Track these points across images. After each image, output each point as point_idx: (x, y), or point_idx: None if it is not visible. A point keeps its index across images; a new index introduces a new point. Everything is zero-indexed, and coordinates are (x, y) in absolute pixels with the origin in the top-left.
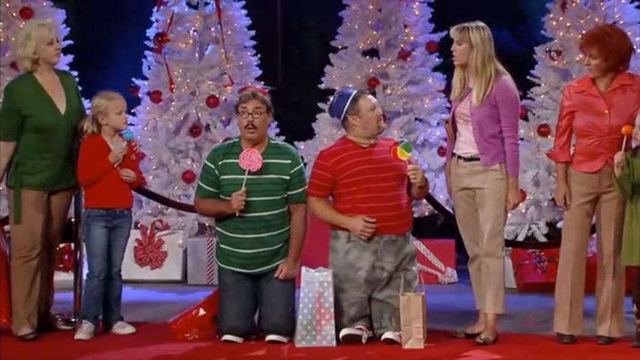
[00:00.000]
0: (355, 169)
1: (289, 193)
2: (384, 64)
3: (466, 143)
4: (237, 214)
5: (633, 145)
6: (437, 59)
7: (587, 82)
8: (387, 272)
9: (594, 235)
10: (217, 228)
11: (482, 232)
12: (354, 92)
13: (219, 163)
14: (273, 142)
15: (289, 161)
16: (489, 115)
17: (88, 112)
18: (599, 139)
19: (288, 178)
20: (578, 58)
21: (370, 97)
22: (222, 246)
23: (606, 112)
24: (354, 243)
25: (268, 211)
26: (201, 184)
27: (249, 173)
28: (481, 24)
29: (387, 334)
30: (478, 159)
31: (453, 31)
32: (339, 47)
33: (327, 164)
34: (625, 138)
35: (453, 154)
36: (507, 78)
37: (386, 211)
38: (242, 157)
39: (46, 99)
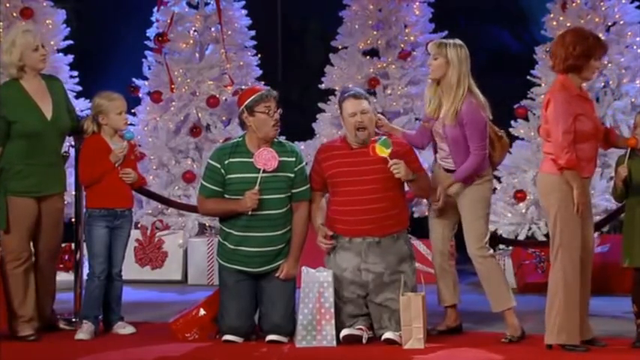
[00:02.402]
0: (335, 170)
1: (293, 191)
2: (385, 64)
3: (446, 160)
4: (250, 212)
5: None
6: None
7: (573, 86)
8: (374, 274)
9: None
10: (222, 226)
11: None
12: (347, 93)
13: (226, 162)
14: (276, 140)
15: (293, 159)
16: (463, 134)
17: (82, 113)
18: (596, 142)
19: (292, 175)
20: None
21: (357, 102)
22: (226, 244)
23: (595, 114)
24: (340, 244)
25: (276, 209)
26: (205, 183)
27: (264, 172)
28: (459, 42)
29: (387, 334)
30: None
31: (431, 46)
32: (340, 47)
33: (318, 157)
34: (629, 149)
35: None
36: (474, 100)
37: (365, 214)
38: (257, 157)
39: (32, 105)
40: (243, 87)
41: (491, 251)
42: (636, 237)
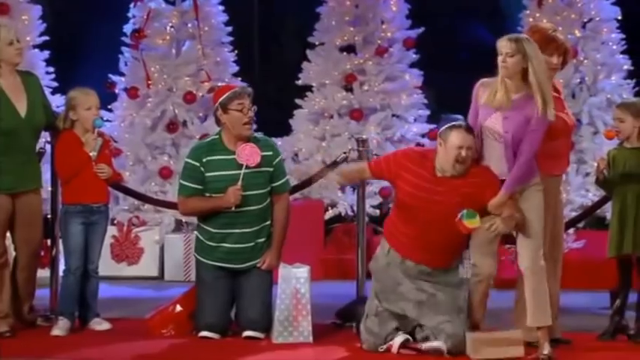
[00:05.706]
0: (410, 189)
1: (273, 184)
2: (361, 61)
3: (496, 162)
4: (233, 208)
5: (616, 141)
6: (414, 55)
7: None
8: (427, 293)
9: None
10: (202, 224)
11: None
12: (456, 123)
13: (204, 159)
14: (252, 135)
15: (271, 153)
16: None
17: (58, 109)
18: (567, 138)
19: (271, 169)
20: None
21: (468, 137)
22: (205, 241)
23: (566, 111)
24: (392, 258)
25: (258, 204)
26: (185, 182)
27: (247, 168)
28: (524, 35)
29: (436, 344)
30: None
31: (505, 43)
32: (317, 43)
33: (401, 161)
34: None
35: None
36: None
37: (423, 245)
38: (240, 152)
39: (5, 101)
40: (219, 84)
41: (544, 264)
42: (629, 224)
